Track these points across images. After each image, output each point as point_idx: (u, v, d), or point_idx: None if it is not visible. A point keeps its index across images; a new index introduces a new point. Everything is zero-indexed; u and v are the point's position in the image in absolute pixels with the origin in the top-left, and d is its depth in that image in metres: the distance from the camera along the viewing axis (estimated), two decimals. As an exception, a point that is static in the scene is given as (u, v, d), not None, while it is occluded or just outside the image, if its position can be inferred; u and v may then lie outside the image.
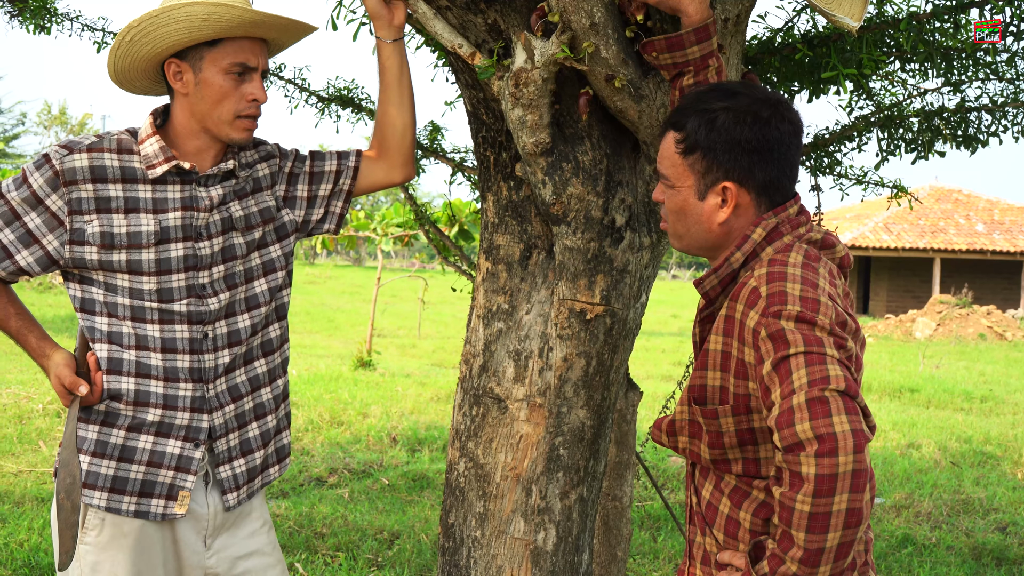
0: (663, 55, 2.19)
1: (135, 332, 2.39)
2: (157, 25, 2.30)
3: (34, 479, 6.32)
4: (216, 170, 2.44)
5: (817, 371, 1.68)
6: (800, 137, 1.98)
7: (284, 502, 6.10)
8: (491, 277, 2.71)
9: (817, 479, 1.62)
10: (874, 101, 3.54)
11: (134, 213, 2.36)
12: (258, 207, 2.54)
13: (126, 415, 2.39)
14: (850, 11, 2.32)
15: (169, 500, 2.43)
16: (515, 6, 2.42)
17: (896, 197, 3.75)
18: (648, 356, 16.38)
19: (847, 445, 1.61)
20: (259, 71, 2.41)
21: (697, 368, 1.96)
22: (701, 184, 1.96)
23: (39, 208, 2.33)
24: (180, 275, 2.40)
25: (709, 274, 1.99)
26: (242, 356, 2.53)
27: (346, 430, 8.37)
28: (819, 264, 1.87)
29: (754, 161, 1.92)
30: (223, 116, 2.38)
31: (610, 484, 3.43)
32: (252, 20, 2.32)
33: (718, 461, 1.97)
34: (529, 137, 2.43)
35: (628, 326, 2.68)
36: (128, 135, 2.42)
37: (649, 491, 6.75)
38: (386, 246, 18.45)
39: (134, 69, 2.43)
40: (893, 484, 7.32)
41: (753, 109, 1.93)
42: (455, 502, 2.74)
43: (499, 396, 2.66)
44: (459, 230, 12.24)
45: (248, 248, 2.51)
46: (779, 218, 1.95)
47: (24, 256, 2.35)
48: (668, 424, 2.04)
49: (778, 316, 1.75)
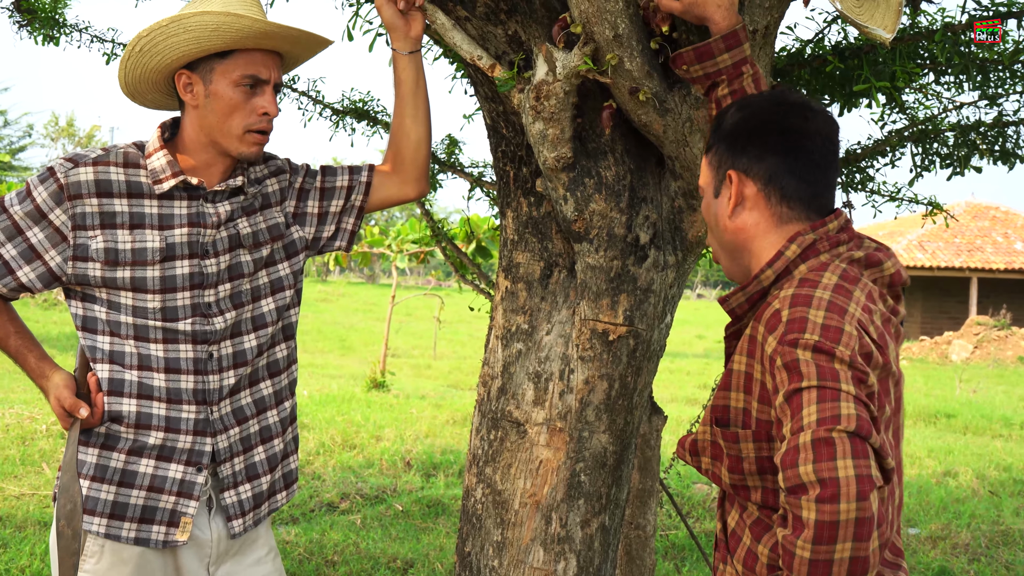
0: (693, 67, 2.19)
1: (138, 351, 2.39)
2: (167, 35, 2.32)
3: (36, 502, 6.35)
4: (224, 186, 2.45)
5: (828, 408, 1.64)
6: (825, 137, 1.94)
7: (294, 528, 6.11)
8: (510, 296, 2.71)
9: (817, 525, 1.58)
10: (908, 115, 3.54)
11: (139, 229, 2.37)
12: (266, 224, 2.55)
13: (127, 438, 2.39)
14: (883, 22, 2.32)
15: (171, 526, 2.43)
16: (536, 17, 2.43)
17: (931, 214, 3.74)
18: (673, 378, 16.33)
19: (850, 492, 1.57)
20: (271, 84, 2.41)
21: (721, 388, 1.94)
22: (715, 180, 1.99)
23: (42, 223, 2.33)
24: (185, 293, 2.40)
25: (736, 292, 1.97)
26: (247, 377, 2.53)
27: (358, 454, 8.38)
28: (855, 286, 1.83)
29: (755, 147, 1.92)
30: (233, 130, 2.39)
31: (633, 512, 3.42)
32: (263, 31, 2.33)
33: (738, 487, 1.96)
34: (550, 151, 2.44)
35: (652, 347, 2.68)
36: (135, 148, 2.43)
37: (673, 519, 6.72)
38: (401, 263, 18.50)
39: (145, 81, 2.44)
40: (929, 514, 7.26)
41: (773, 103, 1.94)
42: (472, 530, 2.74)
43: (518, 420, 2.66)
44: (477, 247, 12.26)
45: (255, 266, 2.52)
46: (817, 234, 1.91)
47: (26, 272, 2.35)
48: (691, 443, 2.02)
49: (794, 345, 1.72)
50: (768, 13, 2.42)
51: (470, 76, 2.78)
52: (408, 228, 18.72)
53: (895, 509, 1.87)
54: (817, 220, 1.93)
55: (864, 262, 1.91)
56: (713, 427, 1.95)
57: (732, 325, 2.03)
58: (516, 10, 2.44)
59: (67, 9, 4.15)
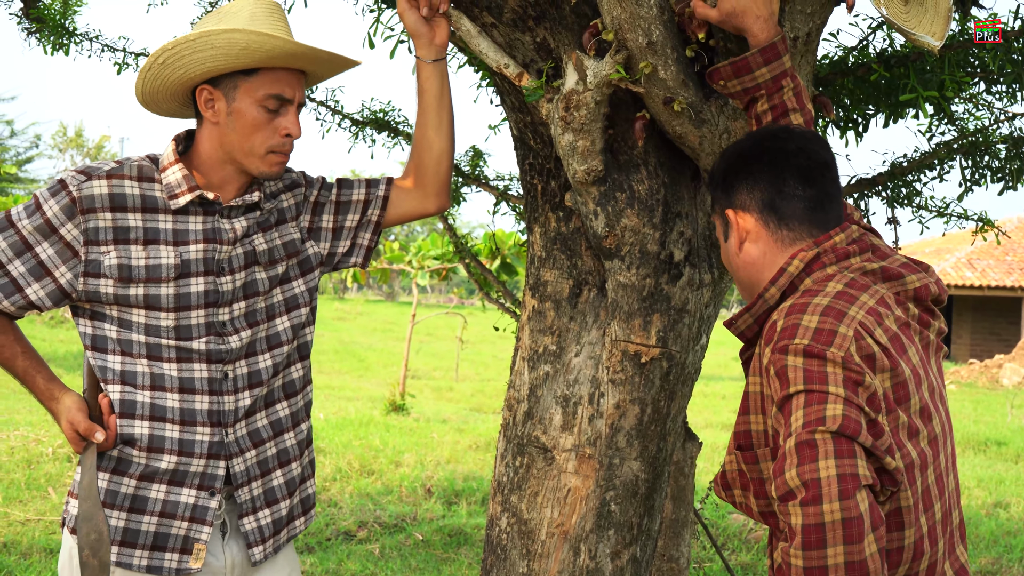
0: (731, 82, 2.19)
1: (150, 371, 2.40)
2: (193, 50, 2.33)
3: (42, 528, 6.38)
4: (240, 201, 2.46)
5: (814, 411, 1.68)
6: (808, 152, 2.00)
7: (310, 557, 6.11)
8: (537, 316, 2.71)
9: (804, 530, 1.61)
10: (957, 126, 3.52)
11: (153, 245, 2.38)
12: (282, 240, 2.57)
13: (138, 463, 2.41)
14: (931, 29, 2.31)
15: (183, 553, 2.44)
16: (566, 23, 2.43)
17: (981, 231, 3.71)
18: (707, 403, 16.27)
19: (831, 492, 1.59)
20: (295, 104, 2.43)
21: (740, 413, 1.98)
22: (721, 225, 2.09)
23: (52, 238, 2.34)
24: (200, 311, 2.42)
25: (742, 312, 2.02)
26: (263, 399, 2.54)
27: (377, 480, 8.38)
28: (862, 292, 1.87)
29: (740, 182, 2.02)
30: (254, 149, 2.40)
31: (666, 543, 3.40)
32: (292, 52, 2.35)
33: (766, 515, 1.96)
34: (580, 164, 2.44)
35: (686, 370, 2.67)
36: (149, 162, 2.45)
37: (708, 551, 6.68)
38: (422, 280, 18.53)
39: (163, 92, 2.46)
40: (978, 547, 7.19)
41: (749, 138, 2.06)
42: (496, 561, 2.73)
43: (545, 446, 2.65)
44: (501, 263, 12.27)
45: (271, 283, 2.54)
46: (821, 247, 1.96)
47: (35, 289, 2.35)
48: (721, 476, 2.04)
49: (784, 351, 1.77)
50: (810, 19, 2.41)
51: (496, 85, 2.79)
52: (430, 243, 18.76)
53: (937, 524, 1.86)
54: (821, 235, 1.98)
55: (880, 274, 1.95)
56: (737, 453, 1.96)
57: (745, 350, 2.06)
58: (545, 16, 2.45)
59: (77, 16, 4.20)
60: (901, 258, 2.01)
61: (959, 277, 29.31)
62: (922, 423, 1.84)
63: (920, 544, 1.81)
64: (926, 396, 1.87)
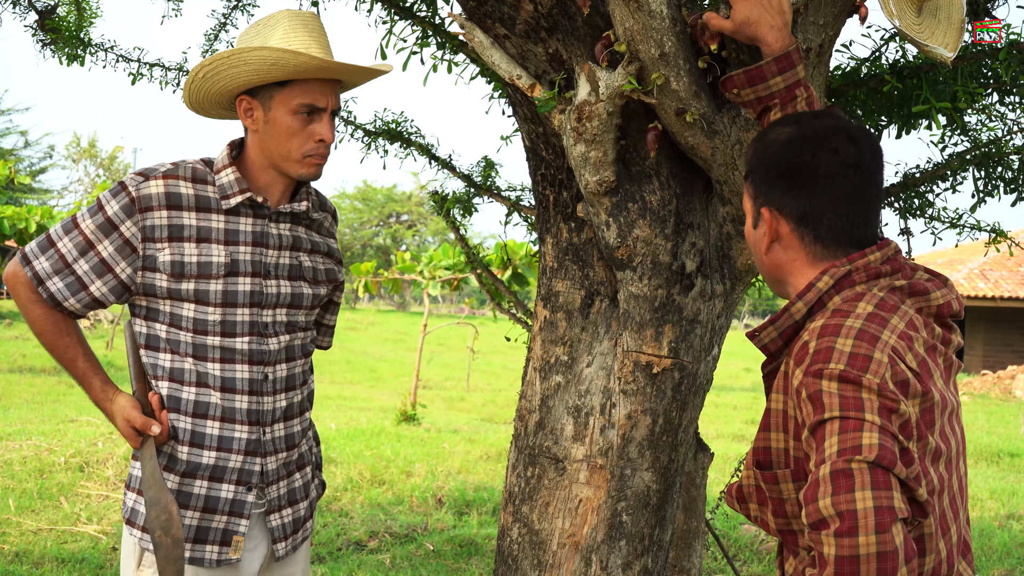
0: (744, 90, 2.19)
1: (196, 369, 2.56)
2: (228, 66, 2.50)
3: (54, 538, 6.39)
4: (288, 208, 2.64)
5: (850, 439, 1.64)
6: (861, 168, 1.93)
7: (321, 567, 6.11)
8: (549, 326, 2.71)
9: (837, 561, 1.58)
10: (970, 137, 3.51)
11: (205, 243, 2.55)
12: (324, 266, 2.78)
13: (182, 459, 2.56)
14: (944, 40, 2.31)
15: (223, 546, 2.61)
16: (578, 35, 2.44)
17: (994, 242, 3.70)
18: (719, 413, 16.24)
19: (868, 524, 1.57)
20: (328, 111, 2.58)
21: (761, 429, 1.95)
22: (753, 210, 2.03)
23: (113, 235, 2.51)
24: (245, 310, 2.57)
25: (766, 325, 1.98)
26: (297, 404, 2.71)
27: (388, 490, 8.38)
28: (893, 314, 1.83)
29: (785, 187, 1.95)
30: (291, 154, 2.57)
31: (677, 555, 3.39)
32: (319, 67, 2.49)
33: (784, 532, 1.95)
34: (592, 175, 2.44)
35: (698, 381, 2.67)
36: (203, 165, 2.62)
37: (720, 562, 6.66)
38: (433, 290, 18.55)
39: (208, 101, 2.63)
40: (991, 560, 7.15)
41: (803, 134, 1.95)
42: (507, 571, 2.73)
43: (557, 456, 2.65)
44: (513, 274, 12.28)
45: (314, 300, 2.72)
46: (854, 265, 1.92)
47: (98, 286, 2.53)
48: (737, 490, 2.03)
49: (819, 375, 1.73)
50: (823, 31, 2.42)
51: (508, 96, 2.80)
52: (441, 254, 18.78)
53: (954, 547, 1.85)
54: (855, 253, 1.94)
55: (907, 290, 1.91)
56: (755, 470, 1.95)
57: (768, 363, 2.03)
58: (557, 28, 2.45)
59: (92, 28, 4.22)
60: (925, 273, 1.98)
61: (972, 288, 29.22)
62: (945, 445, 1.83)
63: (938, 569, 1.80)
64: (945, 418, 1.85)
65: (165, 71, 4.28)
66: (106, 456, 8.21)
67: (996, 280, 29.74)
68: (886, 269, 1.93)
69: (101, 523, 6.75)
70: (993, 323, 30.85)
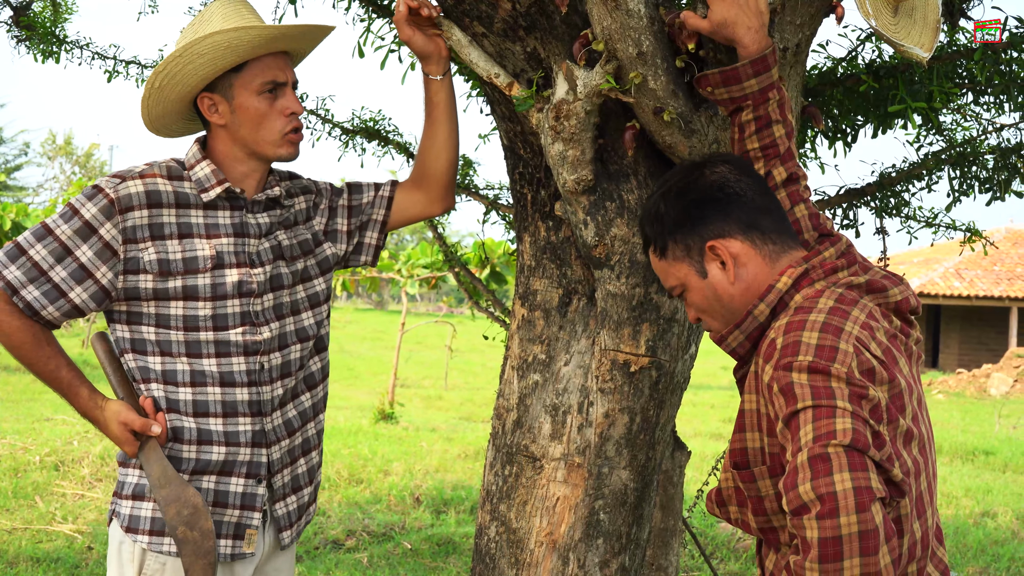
0: (719, 89, 2.20)
1: (191, 368, 2.51)
2: (182, 64, 2.46)
3: (29, 537, 6.35)
4: (263, 196, 2.60)
5: (823, 426, 1.69)
6: (743, 172, 2.05)
7: (298, 567, 6.09)
8: (527, 325, 2.71)
9: (820, 543, 1.62)
10: (945, 137, 3.53)
11: (188, 238, 2.51)
12: (298, 239, 2.70)
13: (190, 458, 2.52)
14: (920, 40, 2.32)
15: (236, 539, 2.58)
16: (556, 34, 2.44)
17: (969, 241, 3.73)
18: (696, 412, 16.28)
19: (848, 505, 1.61)
20: (289, 84, 2.56)
21: (736, 431, 2.00)
22: (696, 265, 2.04)
23: (92, 239, 2.43)
24: (235, 301, 2.53)
25: (732, 330, 2.02)
26: (291, 390, 2.67)
27: (365, 489, 8.37)
28: (853, 307, 1.89)
29: (716, 209, 2.01)
30: (269, 137, 2.54)
31: (654, 553, 3.40)
32: (272, 36, 2.47)
33: (765, 530, 1.97)
34: (570, 174, 2.44)
35: (676, 379, 2.67)
36: (175, 163, 2.58)
37: (697, 560, 6.68)
38: (411, 289, 18.53)
39: (169, 113, 2.60)
40: (966, 557, 7.20)
41: (679, 174, 2.07)
42: (485, 570, 2.73)
43: (534, 454, 2.65)
44: (491, 272, 12.29)
45: (293, 279, 2.66)
46: (810, 263, 1.98)
47: (78, 293, 2.44)
48: (716, 494, 2.06)
49: (789, 368, 1.78)
50: (799, 31, 2.42)
51: (486, 94, 2.80)
52: (419, 252, 18.77)
53: (929, 530, 1.88)
54: (809, 252, 2.02)
55: (865, 287, 1.98)
56: (733, 472, 1.98)
57: (740, 368, 2.08)
58: (535, 26, 2.45)
59: (67, 24, 4.20)
60: (880, 270, 2.05)
61: (947, 287, 29.39)
62: (916, 430, 1.86)
63: (913, 550, 1.83)
64: (915, 404, 1.89)
65: (141, 68, 4.27)
66: (82, 455, 8.17)
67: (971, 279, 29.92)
68: (842, 263, 2.01)
69: (76, 522, 6.71)
70: (968, 322, 31.05)
